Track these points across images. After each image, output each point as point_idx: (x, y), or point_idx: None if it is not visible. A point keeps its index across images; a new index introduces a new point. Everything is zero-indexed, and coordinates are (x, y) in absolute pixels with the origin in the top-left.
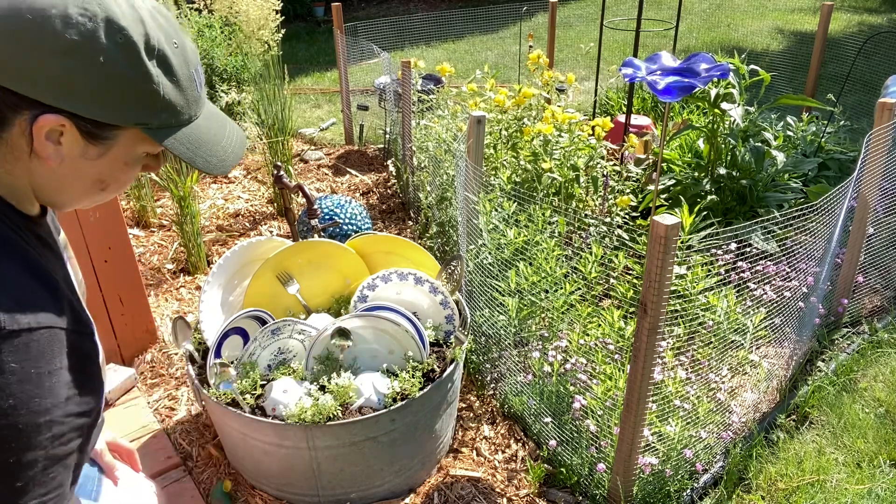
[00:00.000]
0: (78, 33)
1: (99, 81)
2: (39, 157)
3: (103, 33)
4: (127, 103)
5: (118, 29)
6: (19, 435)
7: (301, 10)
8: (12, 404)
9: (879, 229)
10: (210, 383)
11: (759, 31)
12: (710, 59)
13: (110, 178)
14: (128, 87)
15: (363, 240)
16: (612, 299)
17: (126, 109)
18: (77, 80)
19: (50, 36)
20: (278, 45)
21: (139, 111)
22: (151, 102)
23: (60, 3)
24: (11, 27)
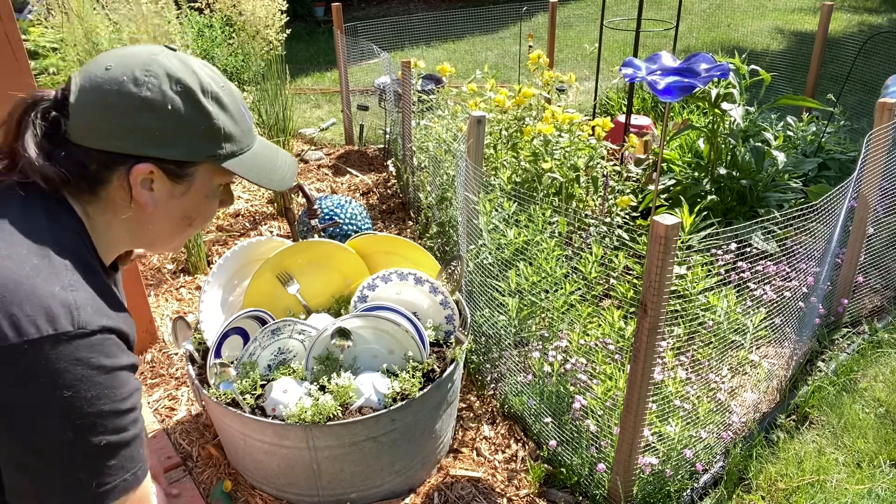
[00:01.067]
0: (148, 89)
1: (172, 126)
2: (138, 203)
3: (167, 85)
4: (197, 141)
5: (176, 80)
6: (102, 421)
7: (301, 10)
8: (93, 395)
9: (879, 229)
10: (210, 383)
11: (760, 31)
12: (710, 59)
13: (195, 212)
14: (194, 127)
15: (363, 240)
16: (612, 299)
17: (197, 146)
18: (155, 129)
19: (128, 97)
20: (282, 44)
21: (207, 146)
22: (215, 136)
23: (128, 70)
24: (99, 100)
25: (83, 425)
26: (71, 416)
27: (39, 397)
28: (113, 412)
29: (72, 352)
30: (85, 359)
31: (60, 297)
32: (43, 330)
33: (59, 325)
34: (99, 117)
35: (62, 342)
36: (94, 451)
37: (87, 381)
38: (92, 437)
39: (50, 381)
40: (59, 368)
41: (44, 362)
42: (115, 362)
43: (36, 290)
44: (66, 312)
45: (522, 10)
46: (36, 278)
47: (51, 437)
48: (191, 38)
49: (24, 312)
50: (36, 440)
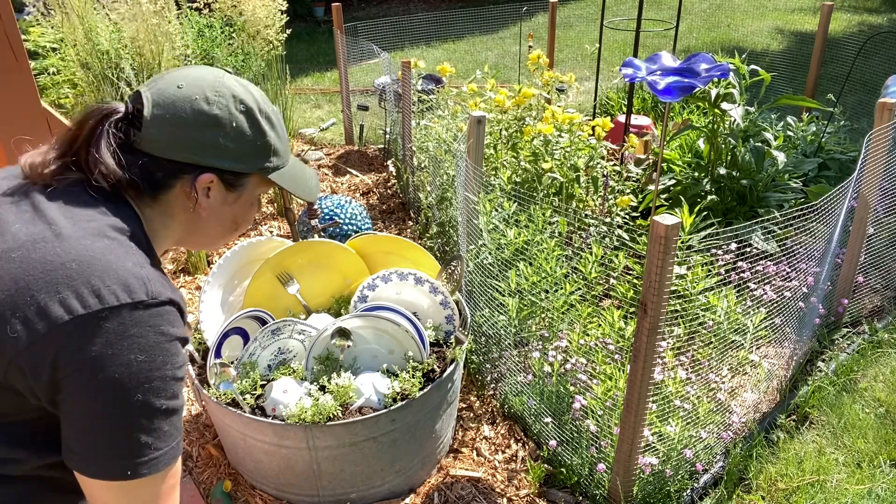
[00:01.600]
0: (217, 108)
1: (235, 141)
2: (197, 208)
3: (232, 105)
4: (253, 155)
5: (241, 100)
6: (166, 386)
7: (301, 10)
8: (162, 361)
9: (879, 229)
10: (210, 383)
11: (760, 31)
12: (710, 59)
13: (241, 217)
14: (253, 142)
15: (363, 240)
16: (612, 299)
17: (253, 160)
18: (220, 143)
19: (200, 114)
20: (282, 44)
21: (260, 160)
22: (266, 151)
23: (200, 90)
24: (172, 115)
25: (151, 388)
26: (142, 379)
27: (118, 360)
28: (174, 378)
29: (146, 319)
30: (157, 326)
31: (134, 271)
32: (122, 298)
33: (136, 294)
34: (172, 131)
35: (139, 309)
36: (156, 413)
37: (158, 347)
38: (157, 399)
39: (127, 345)
40: (135, 333)
41: (122, 327)
42: (178, 332)
43: (112, 265)
44: (141, 284)
45: (522, 10)
46: (110, 255)
47: (122, 397)
48: (191, 38)
49: (104, 283)
50: (108, 399)
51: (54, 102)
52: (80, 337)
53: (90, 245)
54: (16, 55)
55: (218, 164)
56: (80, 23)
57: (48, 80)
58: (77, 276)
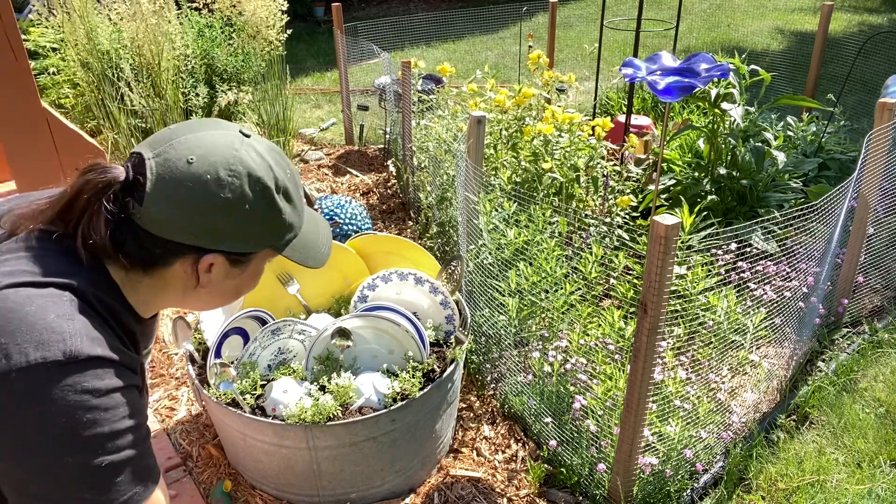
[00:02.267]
0: (230, 191)
1: (246, 224)
2: (199, 284)
3: (247, 186)
4: (265, 235)
5: (256, 179)
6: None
7: (301, 10)
8: (89, 420)
9: (879, 229)
10: (210, 383)
11: (760, 31)
12: (710, 59)
13: (244, 287)
14: (265, 223)
15: (363, 240)
16: (612, 299)
17: (264, 239)
18: (230, 228)
19: (210, 198)
20: (283, 44)
21: (273, 237)
22: (280, 229)
23: (212, 169)
24: (178, 196)
25: (83, 449)
26: (69, 442)
27: (36, 424)
28: (112, 433)
29: (62, 379)
30: (76, 384)
31: (54, 325)
32: (31, 358)
33: (49, 354)
34: (177, 213)
35: (52, 370)
36: (98, 471)
37: (81, 407)
38: (93, 459)
39: (44, 409)
40: (51, 396)
41: (35, 390)
42: (110, 384)
43: (28, 318)
44: (58, 340)
45: (522, 10)
46: (30, 306)
47: (52, 462)
48: (191, 38)
49: (14, 341)
50: (37, 465)
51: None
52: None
53: (11, 295)
54: (16, 55)
55: (222, 247)
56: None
57: (48, 80)
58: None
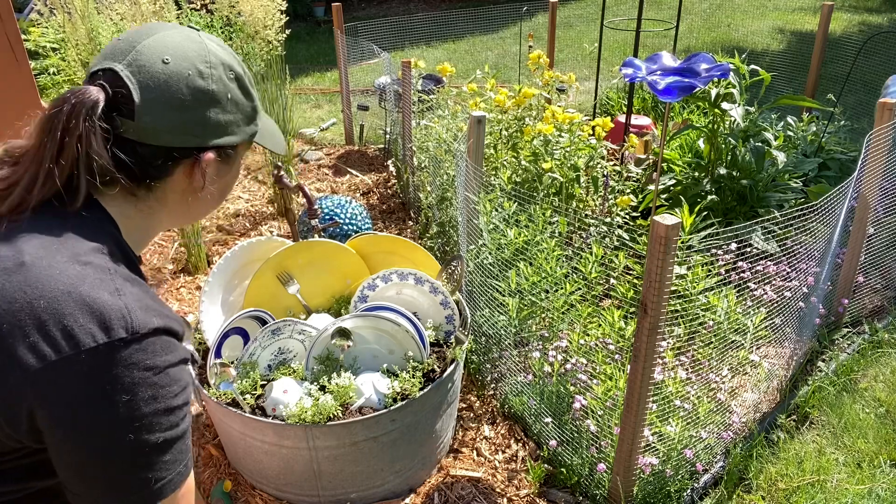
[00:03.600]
0: (213, 82)
1: (233, 115)
2: (194, 188)
3: (224, 75)
4: (247, 123)
5: (229, 67)
6: (160, 420)
7: (301, 10)
8: (150, 396)
9: (880, 229)
10: (210, 383)
11: (760, 31)
12: (710, 59)
13: (229, 186)
14: (243, 110)
15: (363, 240)
16: (612, 299)
17: (247, 129)
18: (222, 121)
19: (199, 93)
20: (282, 44)
21: (252, 127)
22: (253, 116)
23: (190, 63)
24: (168, 99)
25: (142, 427)
26: (130, 419)
27: (99, 405)
28: (167, 409)
29: (127, 357)
30: (140, 362)
31: (110, 302)
32: (98, 339)
33: (114, 332)
34: (170, 115)
35: (118, 349)
36: (152, 449)
37: (143, 384)
38: (150, 435)
39: (108, 388)
40: (116, 374)
41: (101, 370)
42: (168, 360)
43: (85, 299)
44: (120, 317)
45: (522, 10)
46: (82, 286)
47: (111, 441)
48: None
49: (77, 322)
50: (96, 445)
51: None
52: (55, 385)
53: (59, 276)
54: (16, 55)
55: (220, 141)
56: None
57: (48, 80)
58: (47, 317)
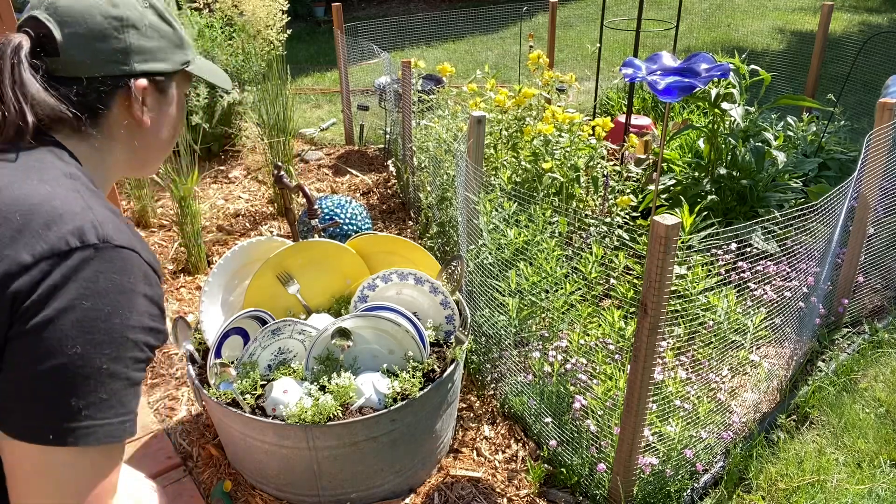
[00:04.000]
0: (126, 9)
1: (154, 39)
2: (138, 121)
3: (137, 3)
4: (173, 50)
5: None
6: (111, 342)
7: (301, 10)
8: (109, 311)
9: (880, 229)
10: (210, 383)
11: (760, 31)
12: (710, 58)
13: (177, 122)
14: (169, 37)
15: (363, 240)
16: (612, 299)
17: (175, 55)
18: (143, 45)
19: (113, 20)
20: (283, 44)
21: (181, 54)
22: (182, 43)
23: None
24: (87, 29)
25: (92, 340)
26: (83, 326)
27: (61, 305)
28: (122, 336)
29: (98, 264)
30: (107, 272)
31: (81, 214)
32: (72, 243)
33: (87, 238)
34: (92, 46)
35: (89, 252)
36: (96, 374)
37: (106, 295)
38: (98, 356)
39: (74, 289)
40: (84, 277)
41: (74, 272)
42: (134, 285)
43: (58, 210)
44: (90, 228)
45: (522, 10)
46: (54, 200)
47: (59, 346)
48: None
49: (52, 230)
50: (45, 346)
51: None
52: (29, 287)
53: (32, 193)
54: None
55: (147, 67)
56: None
57: None
58: (23, 226)
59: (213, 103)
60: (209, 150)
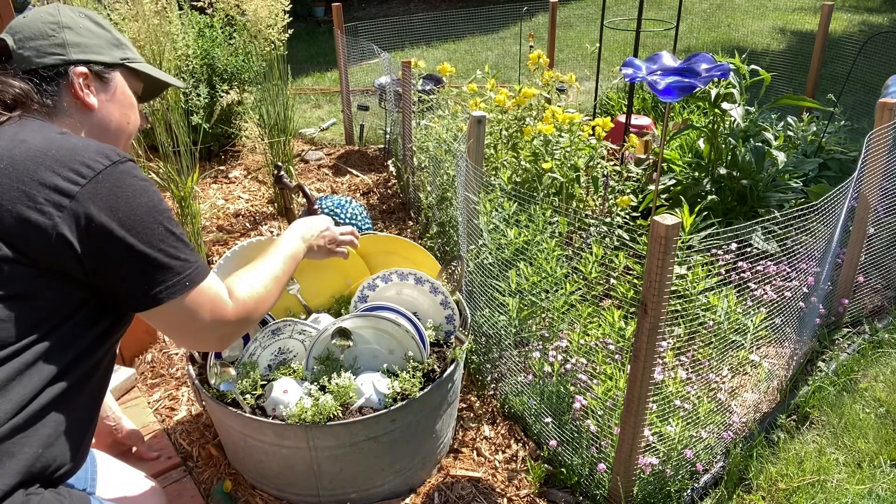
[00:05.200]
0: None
1: (88, 37)
2: (84, 104)
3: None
4: (109, 47)
5: (78, 12)
6: (170, 214)
7: (301, 10)
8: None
9: (880, 229)
10: (210, 383)
11: (760, 31)
12: (710, 58)
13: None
14: (103, 36)
15: (363, 240)
16: (612, 299)
17: (110, 51)
18: (79, 40)
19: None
20: (284, 44)
21: (117, 51)
22: (119, 44)
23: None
24: (31, 32)
25: (165, 217)
26: (156, 211)
27: (128, 204)
28: (168, 208)
29: (129, 170)
30: (139, 174)
31: (97, 145)
32: (104, 162)
33: (112, 157)
34: (36, 44)
35: (121, 165)
36: (180, 234)
37: (149, 188)
38: (173, 225)
39: (130, 192)
40: (128, 183)
41: (117, 181)
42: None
43: (78, 145)
44: (110, 150)
45: (523, 11)
46: (73, 140)
47: (153, 231)
48: (191, 38)
49: (85, 158)
50: (143, 238)
51: None
52: (93, 198)
53: (55, 138)
54: None
55: (83, 57)
56: None
57: None
58: (64, 159)
59: (213, 103)
60: (209, 150)
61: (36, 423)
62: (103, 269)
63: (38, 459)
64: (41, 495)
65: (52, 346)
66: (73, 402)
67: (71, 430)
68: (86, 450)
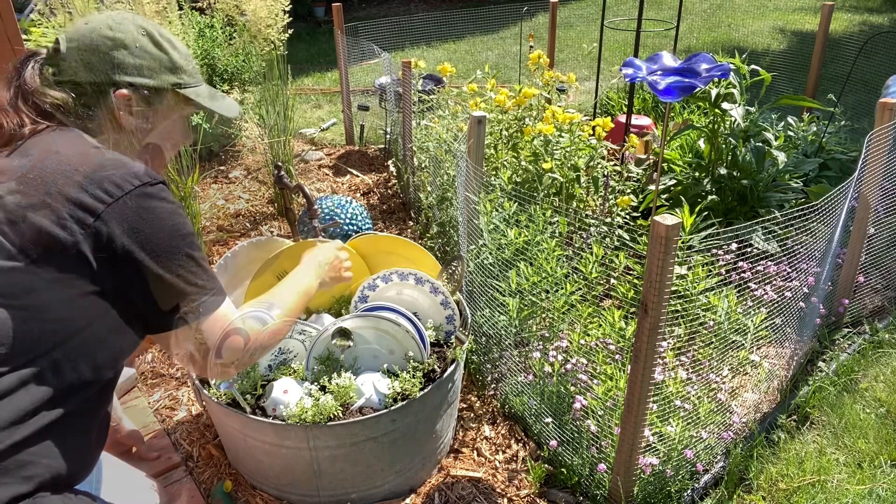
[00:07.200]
0: (121, 33)
1: (141, 58)
2: (120, 123)
3: (134, 30)
4: (162, 72)
5: (140, 27)
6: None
7: (302, 10)
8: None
9: (880, 229)
10: (210, 383)
11: (760, 31)
12: (710, 59)
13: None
14: (159, 60)
15: (364, 240)
16: (612, 299)
17: (163, 76)
18: (129, 62)
19: (106, 39)
20: (284, 44)
21: (170, 76)
22: (174, 67)
23: (103, 22)
24: (84, 45)
25: (187, 242)
26: (178, 235)
27: (153, 226)
28: (192, 232)
29: (157, 193)
30: (165, 198)
31: (129, 165)
32: (135, 183)
33: (143, 178)
34: (85, 56)
35: (150, 187)
36: (200, 259)
37: (176, 212)
38: (195, 250)
39: (156, 214)
40: (154, 206)
41: (144, 203)
42: (176, 201)
43: (110, 163)
44: (143, 171)
45: (523, 11)
46: (105, 156)
47: (172, 255)
48: (192, 38)
49: (114, 177)
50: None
51: None
52: (117, 219)
53: (88, 153)
54: (16, 55)
55: (130, 79)
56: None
57: None
58: (93, 176)
59: None
60: (209, 150)
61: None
62: (119, 288)
63: (47, 470)
64: (46, 498)
65: (59, 359)
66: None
67: (79, 441)
68: (95, 458)
